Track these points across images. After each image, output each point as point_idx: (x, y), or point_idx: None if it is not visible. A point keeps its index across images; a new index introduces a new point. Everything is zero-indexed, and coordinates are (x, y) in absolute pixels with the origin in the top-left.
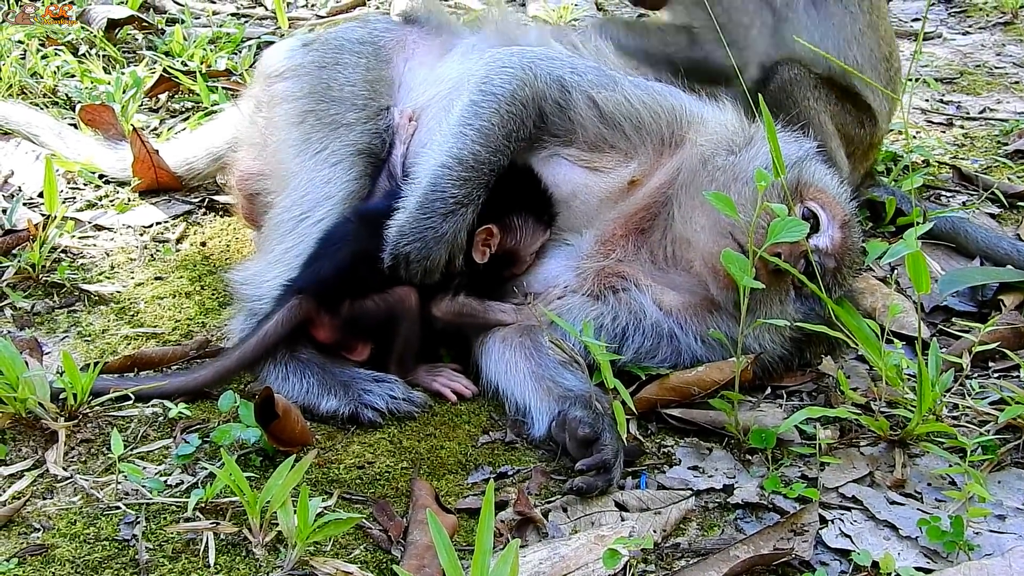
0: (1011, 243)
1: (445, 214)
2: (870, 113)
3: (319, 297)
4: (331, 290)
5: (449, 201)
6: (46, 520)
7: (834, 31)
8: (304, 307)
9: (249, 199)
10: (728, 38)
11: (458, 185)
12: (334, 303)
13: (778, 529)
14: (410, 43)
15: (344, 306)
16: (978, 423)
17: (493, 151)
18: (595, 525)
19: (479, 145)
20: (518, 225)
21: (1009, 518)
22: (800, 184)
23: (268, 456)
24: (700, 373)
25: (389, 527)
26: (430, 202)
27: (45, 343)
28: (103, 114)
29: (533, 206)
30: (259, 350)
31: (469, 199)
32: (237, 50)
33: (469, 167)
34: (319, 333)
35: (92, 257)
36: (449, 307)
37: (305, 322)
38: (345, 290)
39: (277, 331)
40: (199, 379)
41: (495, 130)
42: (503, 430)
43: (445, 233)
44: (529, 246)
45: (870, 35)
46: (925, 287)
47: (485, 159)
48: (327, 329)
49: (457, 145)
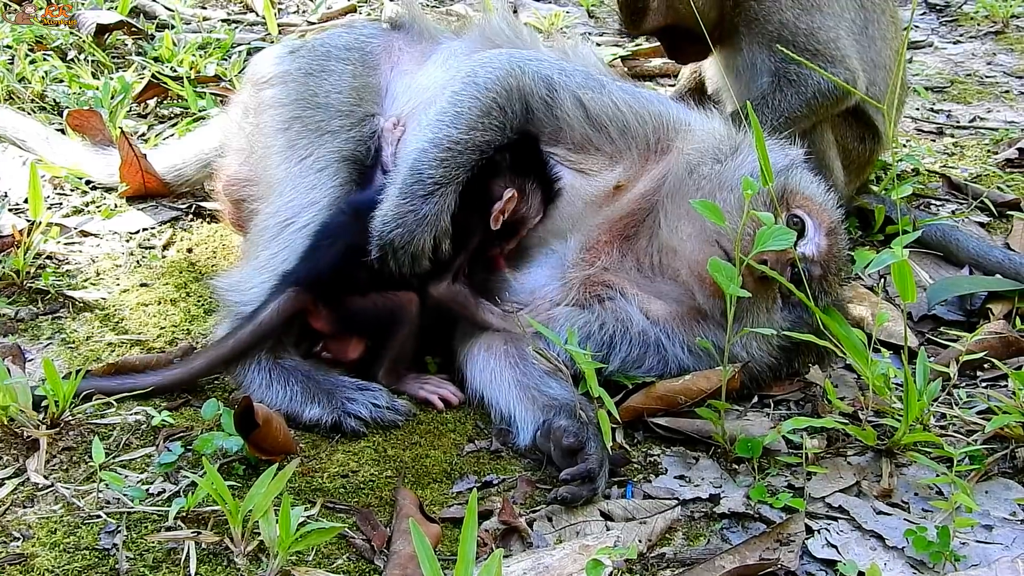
0: (1001, 252)
1: (424, 196)
2: (873, 131)
3: (315, 288)
4: (327, 282)
5: (428, 183)
6: (26, 529)
7: (872, 56)
8: (300, 297)
9: (235, 205)
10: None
11: (434, 166)
12: (330, 295)
13: (764, 539)
14: (396, 49)
15: (343, 299)
16: (965, 433)
17: (467, 130)
18: (580, 535)
19: (454, 128)
20: (529, 192)
21: (996, 528)
22: (787, 192)
23: (251, 465)
24: (687, 382)
25: (372, 536)
26: (409, 186)
27: (28, 350)
28: (91, 119)
29: (542, 176)
30: (254, 338)
31: (448, 179)
32: (227, 56)
33: (445, 149)
34: (316, 323)
35: (77, 263)
36: (446, 290)
37: (301, 312)
38: (341, 283)
39: (272, 320)
40: (193, 369)
41: (471, 112)
42: (489, 439)
43: (427, 215)
44: (534, 216)
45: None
46: (911, 296)
47: (459, 139)
48: (324, 320)
49: (433, 130)
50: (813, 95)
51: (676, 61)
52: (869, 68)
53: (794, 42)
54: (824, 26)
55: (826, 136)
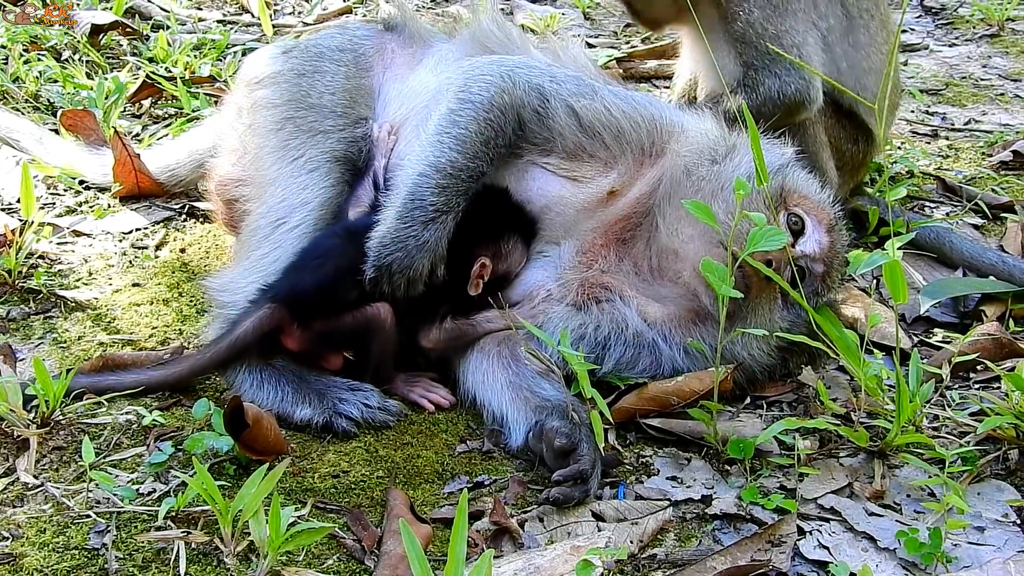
0: (995, 254)
1: (426, 222)
2: (867, 133)
3: (292, 308)
4: (307, 304)
5: (429, 209)
6: (15, 528)
7: (859, 60)
8: (276, 315)
9: (228, 205)
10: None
11: (437, 193)
12: (307, 316)
13: (756, 540)
14: (389, 51)
15: (317, 320)
16: (958, 434)
17: (471, 157)
18: (571, 535)
19: (456, 152)
20: (507, 250)
21: (988, 530)
22: (784, 191)
23: (242, 465)
24: (679, 383)
25: (363, 537)
26: (409, 211)
27: (20, 349)
28: (84, 119)
29: (517, 227)
30: (230, 352)
31: (449, 207)
32: (221, 57)
33: (447, 175)
34: (288, 342)
35: (70, 263)
36: (438, 336)
37: (276, 330)
38: (322, 305)
39: (247, 336)
40: (171, 375)
41: (473, 137)
42: (480, 439)
43: (427, 241)
44: (518, 264)
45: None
46: (903, 297)
47: (463, 166)
48: (296, 340)
49: (435, 153)
50: (764, 101)
51: (640, 23)
52: (856, 73)
53: (756, 44)
54: (791, 30)
55: (819, 137)
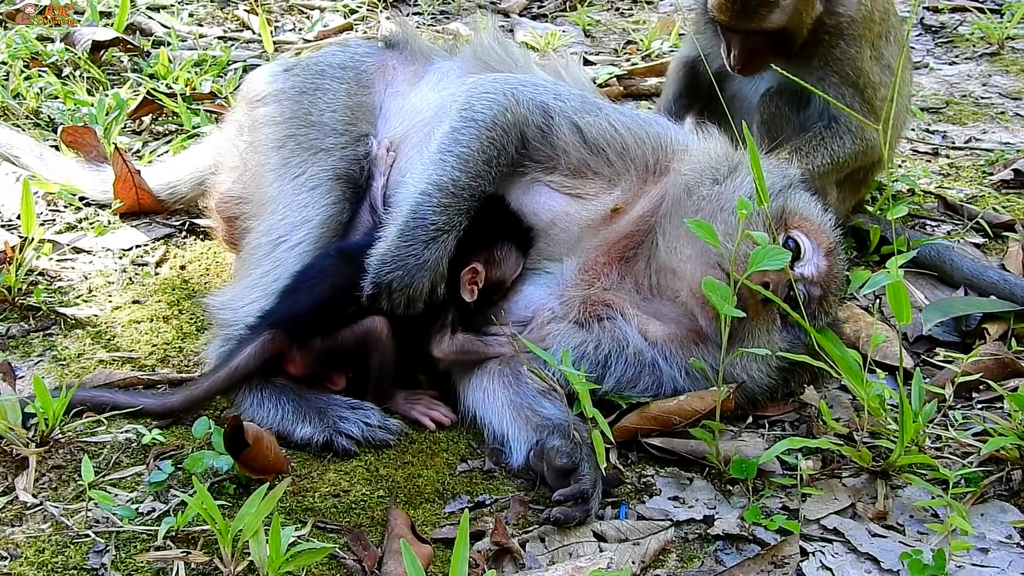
0: (996, 273)
1: (427, 241)
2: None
3: (292, 333)
4: (305, 326)
5: (430, 228)
6: (14, 548)
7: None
8: (276, 342)
9: (228, 222)
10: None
11: (438, 212)
12: (306, 336)
13: (758, 561)
14: (390, 68)
15: (316, 341)
16: (961, 455)
17: (473, 176)
18: (573, 556)
19: (459, 171)
20: (500, 257)
21: (992, 551)
22: (785, 213)
23: (242, 484)
24: (681, 402)
25: (364, 557)
26: (411, 230)
27: (19, 367)
28: (85, 136)
29: (512, 235)
30: (229, 382)
31: (450, 226)
32: (222, 73)
33: (449, 194)
34: (291, 368)
35: (70, 280)
36: (450, 347)
37: (277, 356)
38: (320, 326)
39: (248, 364)
40: (168, 405)
41: (475, 156)
42: (481, 459)
43: (427, 260)
44: (512, 272)
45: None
46: (906, 317)
47: (465, 185)
48: (299, 365)
49: (437, 172)
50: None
51: (740, 70)
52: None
53: (863, 91)
54: (885, 84)
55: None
